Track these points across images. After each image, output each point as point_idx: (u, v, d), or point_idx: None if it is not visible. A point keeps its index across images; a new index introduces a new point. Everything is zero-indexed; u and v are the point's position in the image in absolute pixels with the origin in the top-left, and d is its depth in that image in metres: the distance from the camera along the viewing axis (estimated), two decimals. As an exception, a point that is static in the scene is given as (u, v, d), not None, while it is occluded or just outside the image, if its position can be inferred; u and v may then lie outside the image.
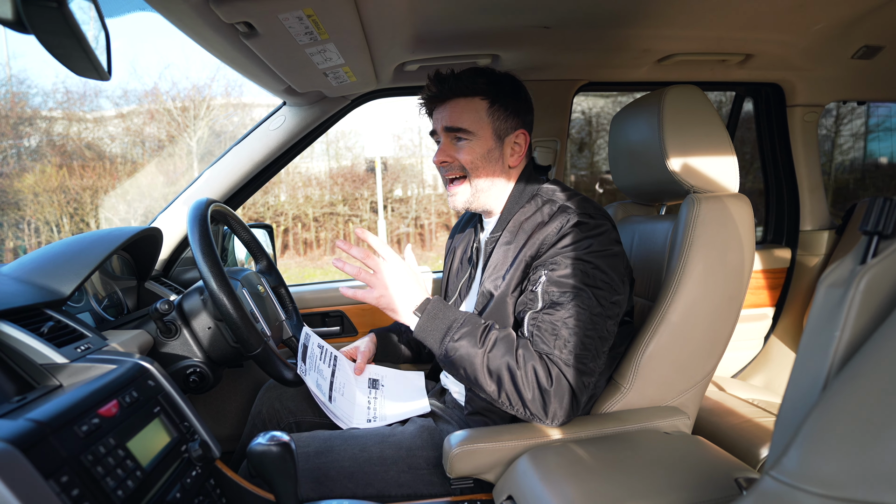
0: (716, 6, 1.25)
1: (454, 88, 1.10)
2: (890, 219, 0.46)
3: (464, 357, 0.96)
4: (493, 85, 1.11)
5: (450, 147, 1.13)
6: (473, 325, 0.98)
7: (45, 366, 0.79)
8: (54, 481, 0.57)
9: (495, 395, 0.96)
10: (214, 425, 1.63)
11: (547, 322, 0.96)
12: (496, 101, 1.11)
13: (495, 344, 0.95)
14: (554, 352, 0.94)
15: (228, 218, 1.32)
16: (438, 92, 1.12)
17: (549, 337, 0.95)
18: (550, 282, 0.98)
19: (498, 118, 1.11)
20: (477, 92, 1.10)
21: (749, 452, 1.33)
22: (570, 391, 0.94)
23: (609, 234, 1.03)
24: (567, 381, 0.94)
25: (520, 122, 1.14)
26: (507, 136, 1.13)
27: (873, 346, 0.42)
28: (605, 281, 0.98)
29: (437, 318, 0.99)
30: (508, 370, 0.93)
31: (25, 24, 0.49)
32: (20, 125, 8.86)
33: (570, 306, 0.96)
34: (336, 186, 10.04)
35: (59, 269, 1.01)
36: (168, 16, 0.89)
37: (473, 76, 1.10)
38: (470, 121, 1.10)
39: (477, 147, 1.11)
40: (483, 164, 1.12)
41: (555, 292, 0.98)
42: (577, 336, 0.95)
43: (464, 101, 1.11)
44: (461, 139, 1.11)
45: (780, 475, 0.42)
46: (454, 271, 1.30)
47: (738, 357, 2.06)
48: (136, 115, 9.68)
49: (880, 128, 6.56)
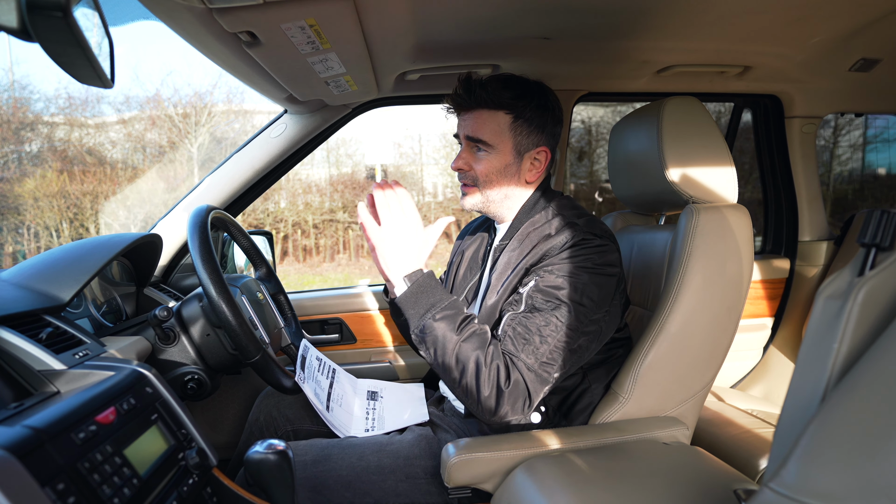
0: (715, 19, 1.26)
1: (479, 99, 1.10)
2: (887, 231, 0.46)
3: (438, 338, 0.96)
4: (520, 98, 1.10)
5: (469, 155, 1.14)
6: (456, 310, 0.99)
7: (43, 372, 0.79)
8: (50, 489, 0.56)
9: (455, 384, 0.97)
10: (212, 433, 1.62)
11: (522, 326, 0.97)
12: (520, 117, 1.10)
13: (471, 335, 0.97)
14: (520, 355, 0.95)
15: (228, 225, 1.32)
16: (465, 100, 1.12)
17: (519, 340, 0.97)
18: (537, 288, 1.00)
19: (520, 133, 1.11)
20: (502, 106, 1.09)
21: (748, 463, 1.32)
22: (526, 395, 0.95)
23: (609, 254, 1.03)
24: (525, 385, 0.95)
25: (544, 137, 1.13)
26: (528, 151, 1.13)
27: (871, 357, 0.42)
28: (591, 298, 0.99)
29: (423, 293, 0.99)
30: (475, 363, 0.94)
31: (30, 33, 0.49)
32: (22, 130, 8.88)
33: (549, 315, 0.97)
34: (336, 193, 10.05)
35: (59, 274, 1.01)
36: (171, 25, 0.90)
37: (500, 89, 1.09)
38: (491, 134, 1.10)
39: (495, 160, 1.11)
40: (497, 178, 1.12)
41: (538, 298, 0.99)
42: (546, 345, 0.96)
43: (487, 113, 1.10)
44: (481, 150, 1.12)
45: (779, 487, 0.42)
46: (462, 274, 1.30)
47: (737, 367, 2.05)
48: (138, 121, 9.71)
49: (878, 139, 6.60)
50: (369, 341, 1.80)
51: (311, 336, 1.77)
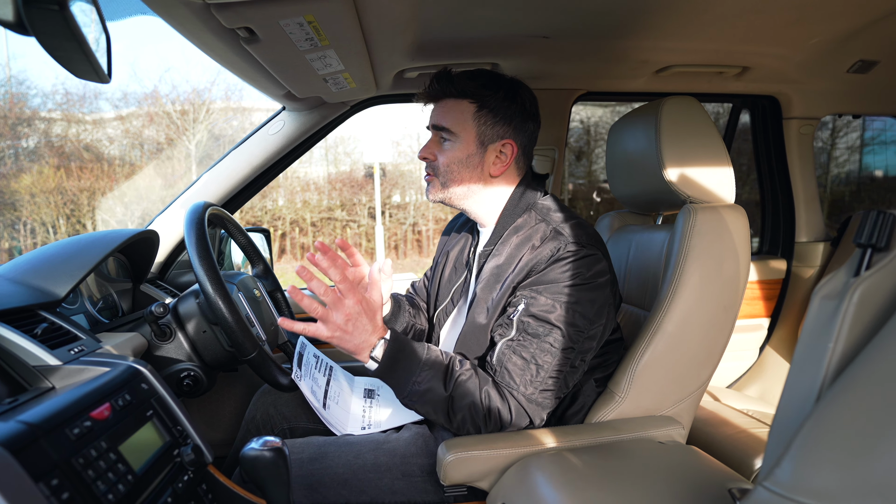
0: (714, 20, 1.26)
1: (445, 88, 1.10)
2: (883, 231, 0.46)
3: (428, 401, 0.97)
4: (485, 88, 1.08)
5: (434, 145, 1.13)
6: (435, 368, 0.97)
7: (38, 367, 0.79)
8: (44, 484, 0.56)
9: (459, 430, 1.01)
10: (208, 430, 1.62)
11: (517, 355, 0.98)
12: (485, 106, 1.08)
13: (459, 386, 0.97)
14: (519, 388, 0.98)
15: (225, 221, 1.32)
16: (431, 91, 1.12)
17: (516, 372, 0.98)
18: (527, 312, 0.98)
19: (484, 123, 1.08)
20: (465, 94, 1.08)
21: (743, 463, 1.32)
22: (528, 421, 1.00)
23: (597, 263, 1.01)
24: (527, 414, 0.99)
25: (510, 129, 1.10)
26: (492, 143, 1.10)
27: (867, 357, 0.42)
28: (583, 316, 0.98)
29: (396, 363, 0.95)
30: (471, 411, 0.97)
31: (26, 26, 0.49)
32: (19, 126, 8.85)
33: (543, 342, 0.97)
34: (334, 192, 10.05)
35: (54, 270, 1.01)
36: (169, 20, 0.89)
37: (466, 79, 1.09)
38: (453, 121, 1.09)
39: (457, 150, 1.09)
40: (458, 169, 1.10)
41: (530, 324, 0.98)
42: (545, 372, 0.97)
43: (452, 102, 1.10)
44: (445, 139, 1.11)
45: (774, 486, 0.42)
46: (447, 275, 1.27)
47: (734, 367, 2.06)
48: (136, 118, 9.69)
49: (875, 141, 6.62)
50: (366, 339, 1.80)
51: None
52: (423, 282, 1.46)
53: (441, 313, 1.24)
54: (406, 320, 1.32)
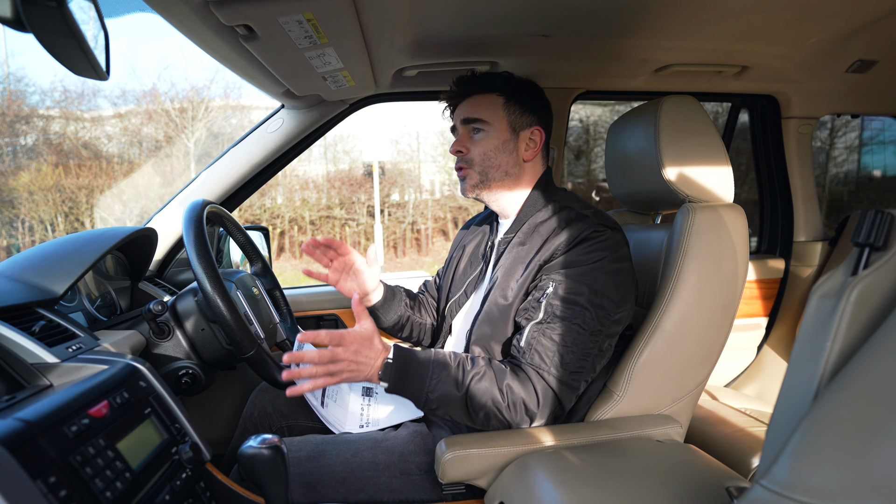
0: (713, 19, 1.26)
1: (472, 86, 1.17)
2: (881, 231, 0.46)
3: (446, 406, 0.98)
4: (510, 83, 1.16)
5: (466, 138, 1.18)
6: (445, 371, 0.97)
7: (36, 365, 0.79)
8: (42, 482, 0.56)
9: (485, 427, 1.00)
10: (206, 428, 1.62)
11: (546, 337, 0.98)
12: (512, 98, 1.15)
13: (474, 384, 0.97)
14: (550, 369, 0.97)
15: (224, 219, 1.31)
16: (458, 90, 1.19)
17: (546, 353, 0.97)
18: (555, 295, 0.99)
19: (513, 112, 1.15)
20: (494, 88, 1.15)
21: (741, 461, 1.33)
22: (558, 405, 0.99)
23: (621, 247, 1.04)
24: (556, 396, 0.98)
25: (536, 119, 1.18)
26: (523, 130, 1.17)
27: (864, 356, 0.42)
28: (610, 299, 0.99)
29: (406, 380, 0.97)
30: (494, 405, 0.97)
31: (24, 23, 0.49)
32: (17, 123, 8.83)
33: (571, 324, 0.97)
34: (333, 190, 10.04)
35: (52, 268, 1.00)
36: (168, 17, 0.89)
37: (491, 75, 1.18)
38: (486, 112, 1.15)
39: (492, 138, 1.15)
40: (496, 155, 1.15)
41: (558, 306, 0.99)
42: (573, 354, 0.97)
43: (481, 97, 1.16)
44: (478, 130, 1.16)
45: (771, 484, 0.42)
46: (462, 268, 1.29)
47: (732, 366, 2.06)
48: (134, 116, 9.67)
49: (874, 141, 6.63)
50: (365, 338, 1.80)
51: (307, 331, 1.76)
52: (434, 280, 1.48)
53: (454, 304, 1.25)
54: (401, 311, 1.34)
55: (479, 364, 1.00)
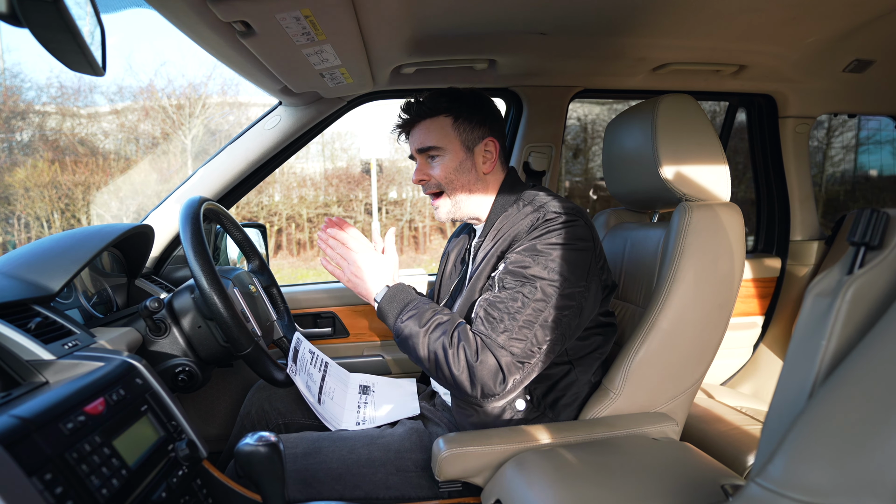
0: (711, 18, 1.26)
1: (419, 112, 1.17)
2: (877, 230, 0.46)
3: (409, 336, 1.03)
4: (455, 101, 1.17)
5: (425, 166, 1.19)
6: (421, 309, 1.05)
7: (32, 362, 0.79)
8: (38, 479, 0.56)
9: (434, 374, 1.02)
10: (203, 425, 1.61)
11: (492, 306, 1.00)
12: (460, 116, 1.16)
13: (436, 326, 1.02)
14: (491, 335, 0.98)
15: (221, 217, 1.31)
16: (405, 121, 1.20)
17: (489, 320, 0.99)
18: (506, 270, 1.03)
19: (464, 130, 1.16)
20: (440, 111, 1.16)
21: (736, 459, 1.33)
22: (499, 370, 0.96)
23: (577, 229, 1.03)
24: (496, 360, 0.96)
25: (487, 130, 1.18)
26: (476, 145, 1.17)
27: (859, 355, 0.42)
28: (560, 274, 1.00)
29: (393, 301, 1.07)
30: (442, 348, 0.99)
31: (20, 18, 0.49)
32: (12, 119, 8.78)
33: (516, 293, 0.99)
34: (331, 187, 10.02)
35: (48, 264, 1.00)
36: (165, 13, 0.89)
37: (435, 98, 1.17)
38: (437, 138, 1.16)
39: (449, 162, 1.16)
40: (456, 176, 1.17)
41: (507, 280, 1.01)
42: (515, 322, 0.97)
43: (429, 122, 1.17)
44: (434, 157, 1.17)
45: (766, 482, 0.42)
46: (447, 274, 1.33)
47: (728, 365, 2.07)
48: (131, 112, 9.63)
49: (870, 141, 6.65)
50: (362, 335, 1.80)
51: (304, 329, 1.76)
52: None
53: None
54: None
55: (448, 315, 1.05)
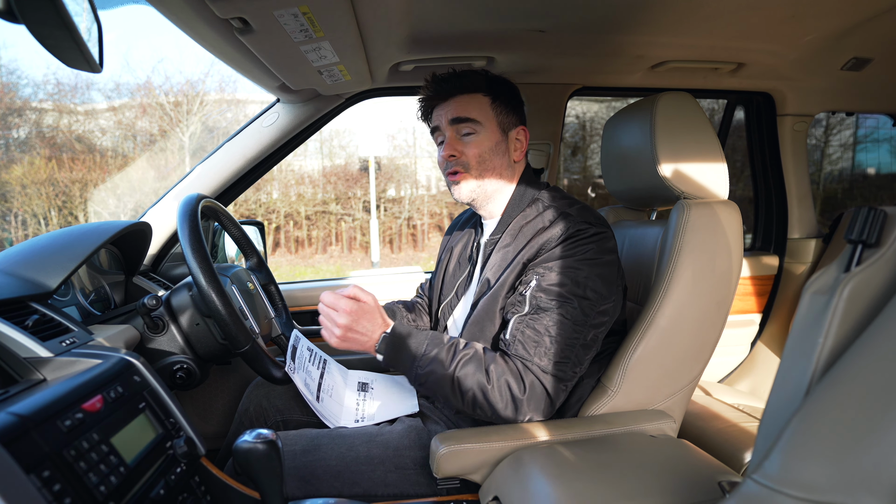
0: (709, 16, 1.26)
1: (457, 85, 1.12)
2: (874, 228, 0.46)
3: (434, 382, 1.00)
4: (493, 83, 1.14)
5: (456, 141, 1.13)
6: (437, 348, 1.01)
7: (29, 359, 0.79)
8: (35, 476, 0.56)
9: (471, 409, 1.00)
10: (201, 422, 1.61)
11: (530, 328, 0.98)
12: (497, 98, 1.13)
13: (464, 364, 0.98)
14: (533, 359, 0.97)
15: (219, 214, 1.31)
16: (440, 90, 1.13)
17: (530, 344, 0.97)
18: (539, 288, 1.00)
19: (501, 112, 1.13)
20: (479, 88, 1.12)
21: (733, 456, 1.34)
22: (546, 397, 0.98)
23: (606, 242, 1.04)
24: (543, 387, 0.97)
25: (519, 119, 1.17)
26: (511, 130, 1.15)
27: (855, 352, 0.42)
28: (595, 290, 0.99)
29: (400, 353, 1.02)
30: (480, 389, 0.97)
31: (16, 14, 0.48)
32: (9, 116, 8.75)
33: (555, 314, 0.97)
34: (329, 185, 10.00)
35: (46, 261, 1.00)
36: (162, 10, 0.88)
37: (474, 74, 1.13)
38: (477, 112, 1.11)
39: (485, 139, 1.12)
40: (490, 157, 1.12)
41: (542, 298, 0.99)
42: (558, 344, 0.97)
43: (468, 97, 1.12)
44: (469, 133, 1.12)
45: (762, 479, 0.42)
46: (451, 270, 1.29)
47: (725, 362, 2.07)
48: (128, 109, 9.59)
49: (868, 139, 6.66)
50: (360, 333, 1.80)
51: (302, 327, 1.76)
52: (427, 282, 1.48)
53: (446, 307, 1.26)
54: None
55: (471, 347, 1.01)
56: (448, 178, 1.16)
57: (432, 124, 1.18)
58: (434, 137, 1.20)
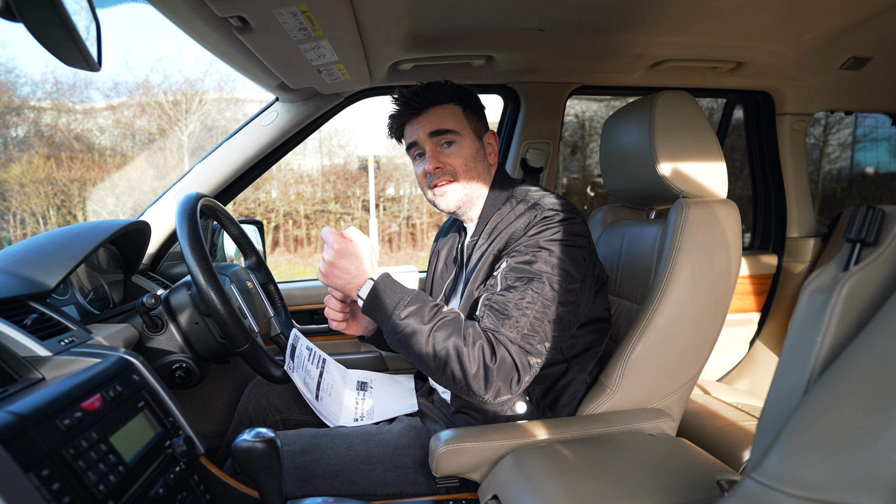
0: (708, 15, 1.26)
1: (429, 98, 1.14)
2: (872, 227, 0.46)
3: (409, 334, 0.95)
4: (460, 92, 1.17)
5: (438, 153, 1.14)
6: (420, 302, 0.98)
7: (28, 358, 0.78)
8: (34, 475, 0.56)
9: (439, 374, 0.96)
10: (200, 421, 1.61)
11: (499, 303, 0.98)
12: (468, 106, 1.17)
13: (443, 323, 0.96)
14: (501, 330, 0.95)
15: (218, 213, 1.31)
16: (413, 104, 1.15)
17: (498, 316, 0.97)
18: (509, 268, 1.01)
19: (473, 120, 1.17)
20: (450, 99, 1.16)
21: (732, 455, 1.34)
22: (514, 370, 0.94)
23: (574, 226, 1.04)
24: (511, 359, 0.94)
25: (485, 124, 1.21)
26: (483, 135, 1.19)
27: (854, 351, 0.42)
28: (563, 269, 1.00)
29: (383, 295, 0.99)
30: (454, 347, 0.94)
31: (15, 13, 0.48)
32: (7, 115, 8.73)
33: (523, 289, 0.98)
34: (328, 184, 9.99)
35: (45, 260, 1.00)
36: (161, 8, 0.88)
37: (441, 86, 1.15)
38: (453, 122, 1.14)
39: (466, 148, 1.15)
40: (474, 165, 1.15)
41: (511, 277, 1.00)
42: (525, 317, 0.96)
43: (441, 108, 1.15)
44: (450, 143, 1.14)
45: (760, 477, 0.42)
46: (439, 273, 1.32)
47: (724, 361, 2.07)
48: (127, 108, 9.57)
49: (867, 138, 6.66)
50: (359, 332, 1.80)
51: (301, 326, 1.76)
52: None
53: None
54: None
55: (453, 312, 1.00)
56: (433, 189, 1.16)
57: (407, 141, 1.19)
58: (410, 153, 1.20)
